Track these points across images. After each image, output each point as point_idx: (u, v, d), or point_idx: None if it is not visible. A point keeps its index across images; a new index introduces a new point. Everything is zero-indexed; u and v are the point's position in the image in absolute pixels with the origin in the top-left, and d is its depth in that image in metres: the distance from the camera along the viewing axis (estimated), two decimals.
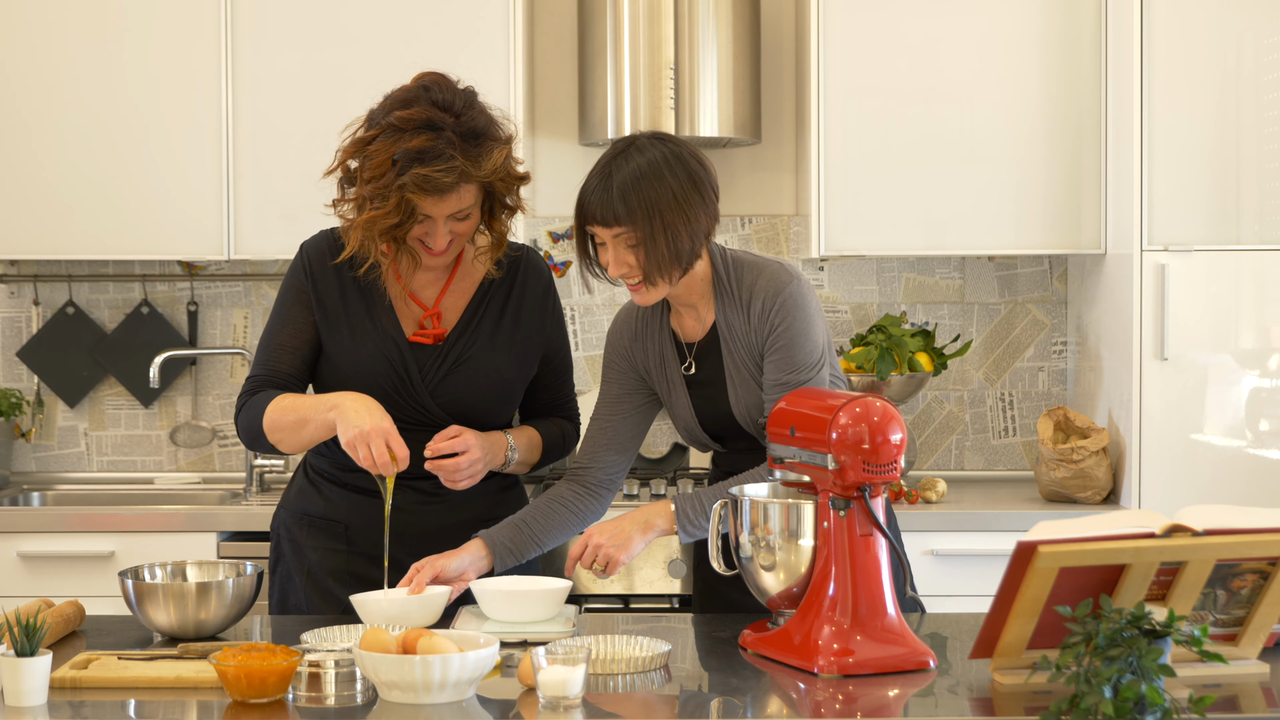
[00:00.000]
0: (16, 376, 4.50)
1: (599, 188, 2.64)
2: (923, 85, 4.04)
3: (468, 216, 2.70)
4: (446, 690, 2.10)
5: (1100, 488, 3.91)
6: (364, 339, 2.77)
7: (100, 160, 4.12)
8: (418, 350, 2.78)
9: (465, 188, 2.65)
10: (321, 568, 2.82)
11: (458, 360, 2.78)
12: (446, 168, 2.60)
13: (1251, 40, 3.84)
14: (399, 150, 2.61)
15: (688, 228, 2.63)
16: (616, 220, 2.62)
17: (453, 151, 2.61)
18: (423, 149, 2.60)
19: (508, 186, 2.72)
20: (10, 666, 2.10)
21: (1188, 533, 2.11)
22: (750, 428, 2.75)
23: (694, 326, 2.80)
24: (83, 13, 4.11)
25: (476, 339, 2.79)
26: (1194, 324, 3.81)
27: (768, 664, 2.34)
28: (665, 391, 2.82)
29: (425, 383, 2.76)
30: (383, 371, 2.75)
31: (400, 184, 2.61)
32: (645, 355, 2.82)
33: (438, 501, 2.80)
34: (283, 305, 2.85)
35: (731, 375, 2.74)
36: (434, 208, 2.65)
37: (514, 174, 2.72)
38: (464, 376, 2.78)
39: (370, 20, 4.09)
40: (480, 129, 2.66)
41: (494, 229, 2.78)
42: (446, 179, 2.60)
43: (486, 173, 2.65)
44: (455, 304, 2.83)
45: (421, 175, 2.59)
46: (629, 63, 4.07)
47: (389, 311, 2.79)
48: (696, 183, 2.65)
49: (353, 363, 2.77)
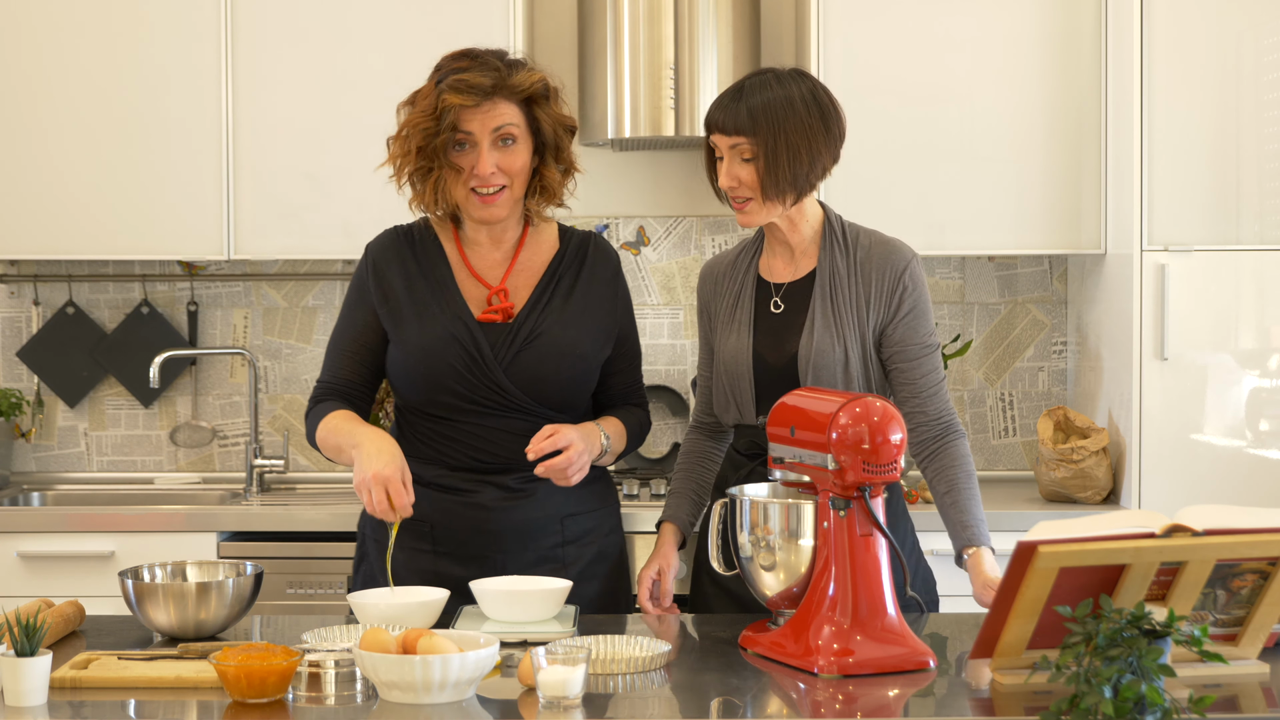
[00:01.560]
0: (16, 376, 4.50)
1: (729, 99, 2.74)
2: (923, 85, 4.04)
3: (513, 141, 2.74)
4: (446, 690, 2.10)
5: (1100, 488, 3.91)
6: (431, 322, 2.78)
7: (100, 160, 4.12)
8: (488, 329, 2.79)
9: (503, 104, 2.72)
10: (407, 568, 2.80)
11: (530, 336, 2.78)
12: (483, 71, 2.70)
13: (1251, 40, 3.84)
14: (446, 67, 2.75)
15: (809, 153, 2.72)
16: (738, 129, 2.70)
17: (491, 61, 2.73)
18: (461, 63, 2.74)
19: (552, 123, 2.77)
20: (10, 666, 2.10)
21: (1188, 533, 2.11)
22: (804, 375, 2.76)
23: (785, 269, 2.84)
24: (83, 13, 4.11)
25: (547, 316, 2.80)
26: (1194, 324, 3.81)
27: (768, 664, 2.34)
28: (725, 330, 2.85)
29: (499, 360, 2.76)
30: (454, 353, 2.76)
31: (439, 90, 2.71)
32: (719, 295, 2.89)
33: (524, 497, 2.80)
34: (347, 309, 2.89)
35: (814, 319, 2.77)
36: (471, 119, 2.71)
37: (559, 112, 2.79)
38: (537, 352, 2.78)
39: (370, 20, 4.09)
40: (521, 61, 2.78)
41: (544, 176, 2.81)
42: (480, 79, 2.69)
43: (523, 86, 2.72)
44: (523, 284, 2.84)
45: (458, 77, 2.70)
46: (629, 63, 4.07)
47: (455, 294, 2.81)
48: (825, 116, 2.75)
49: (421, 346, 2.78)
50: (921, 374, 2.77)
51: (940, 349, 2.83)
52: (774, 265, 2.86)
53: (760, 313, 2.83)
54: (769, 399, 2.78)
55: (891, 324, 2.77)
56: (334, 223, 4.11)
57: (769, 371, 2.79)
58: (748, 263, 2.88)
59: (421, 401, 2.81)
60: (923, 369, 2.77)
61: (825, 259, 2.80)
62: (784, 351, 2.78)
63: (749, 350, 2.80)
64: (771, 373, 2.79)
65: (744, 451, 2.84)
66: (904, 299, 2.77)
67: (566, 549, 2.82)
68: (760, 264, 2.87)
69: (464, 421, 2.79)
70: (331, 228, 4.11)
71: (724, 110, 2.73)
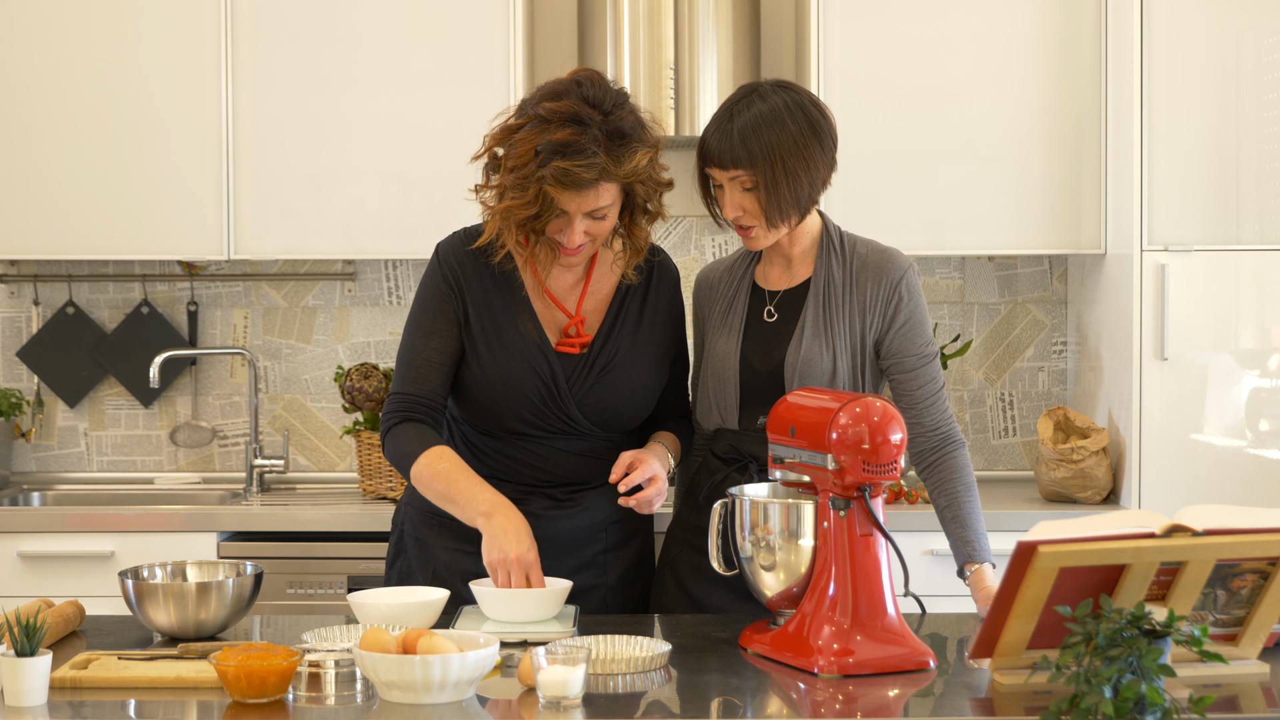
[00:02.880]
0: (16, 376, 4.50)
1: (719, 130, 2.71)
2: (923, 85, 4.04)
3: (604, 216, 2.68)
4: (446, 690, 2.10)
5: (1100, 488, 3.91)
6: (512, 349, 2.75)
7: (100, 160, 4.12)
8: (564, 360, 2.77)
9: (604, 186, 2.64)
10: (450, 569, 2.79)
11: (604, 370, 2.77)
12: (587, 164, 2.59)
13: (1251, 40, 3.84)
14: (543, 141, 2.60)
15: (807, 174, 2.70)
16: (735, 163, 2.68)
17: (595, 148, 2.59)
18: (566, 142, 2.59)
19: (649, 191, 2.71)
20: (10, 666, 2.10)
21: (1188, 533, 2.11)
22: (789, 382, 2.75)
23: (781, 277, 2.84)
24: (83, 13, 4.11)
25: (619, 346, 2.79)
26: (1194, 324, 3.81)
27: (768, 664, 2.34)
28: (716, 334, 2.85)
29: (573, 393, 2.76)
30: (530, 383, 2.74)
31: (540, 175, 2.60)
32: (713, 300, 2.89)
33: (572, 506, 2.80)
34: (426, 315, 2.80)
35: (804, 327, 2.76)
36: (571, 203, 2.63)
37: (656, 179, 2.71)
38: (608, 386, 2.77)
39: (370, 20, 4.09)
40: (626, 130, 2.64)
41: (633, 234, 2.77)
42: (586, 174, 2.59)
43: (626, 173, 2.63)
44: (595, 308, 2.82)
45: (561, 169, 2.58)
46: (629, 63, 4.07)
47: (533, 318, 2.77)
48: (816, 130, 2.71)
49: (501, 375, 2.75)
50: (918, 384, 2.77)
51: (939, 358, 2.83)
52: (770, 273, 2.85)
53: (752, 319, 2.83)
54: (753, 405, 2.78)
55: (888, 334, 2.77)
56: (334, 223, 4.11)
57: (755, 377, 2.79)
58: (743, 270, 2.88)
59: (487, 423, 2.79)
60: (920, 379, 2.77)
61: (821, 268, 2.79)
62: (772, 358, 2.78)
63: (736, 355, 2.80)
64: (757, 378, 2.79)
65: (721, 455, 2.83)
66: (899, 309, 2.77)
67: (609, 555, 2.83)
68: (756, 272, 2.87)
69: (526, 442, 2.79)
70: (331, 228, 4.11)
71: (717, 141, 2.70)
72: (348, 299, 4.47)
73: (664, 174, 2.74)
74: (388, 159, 4.10)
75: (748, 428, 2.79)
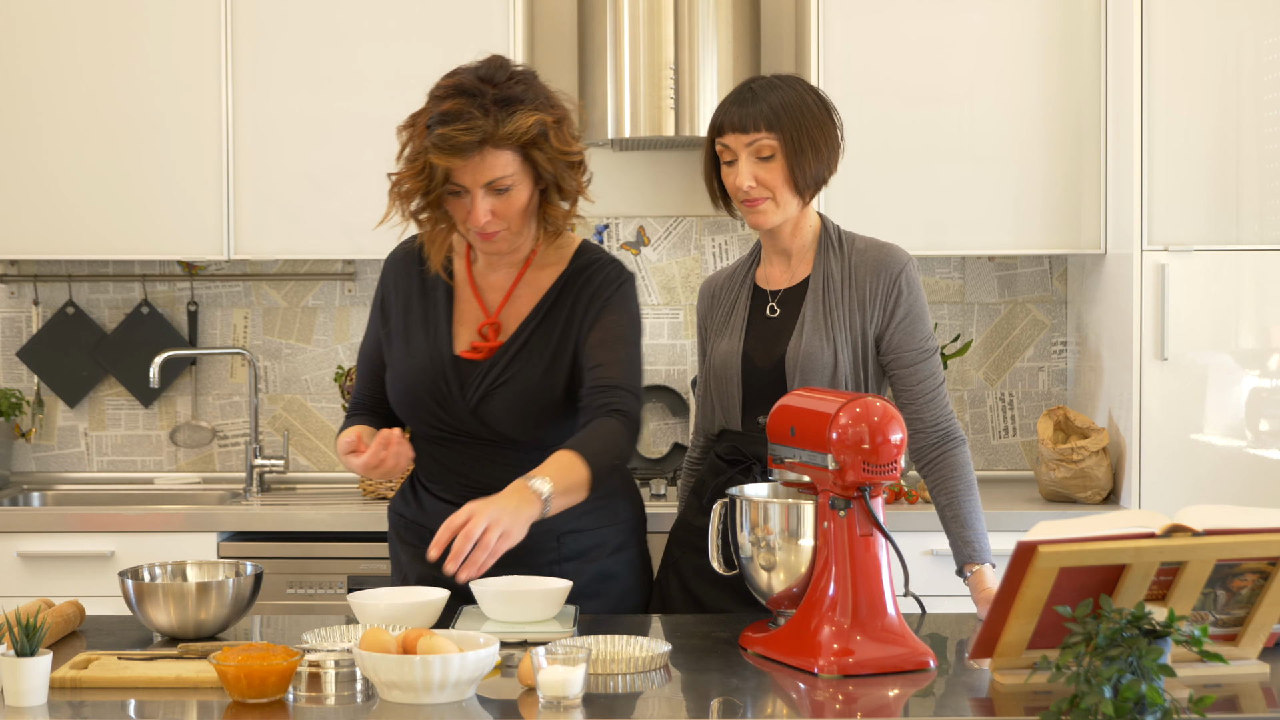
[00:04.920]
0: (16, 376, 4.50)
1: (742, 98, 2.75)
2: (923, 85, 4.04)
3: (508, 189, 2.61)
4: (446, 690, 2.10)
5: (1100, 488, 3.91)
6: (416, 353, 2.75)
7: (100, 160, 4.12)
8: (464, 366, 2.72)
9: (494, 153, 2.58)
10: (409, 568, 2.81)
11: (497, 381, 2.70)
12: (466, 126, 2.55)
13: (1251, 40, 3.84)
14: (432, 114, 2.59)
15: (826, 147, 2.76)
16: (759, 125, 2.71)
17: (478, 114, 2.56)
18: (448, 111, 2.57)
19: (554, 163, 2.62)
20: (10, 666, 2.10)
21: (1188, 533, 2.11)
22: (791, 378, 2.75)
23: (781, 276, 2.85)
24: (83, 13, 4.11)
25: (525, 356, 2.71)
26: (1194, 324, 3.81)
27: (768, 664, 2.34)
28: (719, 337, 2.86)
29: (467, 401, 2.71)
30: (427, 387, 2.72)
31: (425, 146, 2.58)
32: (716, 306, 2.90)
33: None
34: (369, 321, 2.88)
35: (805, 322, 2.77)
36: (463, 174, 2.59)
37: (561, 149, 2.63)
38: (504, 397, 2.70)
39: (370, 20, 4.09)
40: (516, 96, 2.59)
41: (546, 214, 2.70)
42: (465, 138, 2.55)
43: (509, 134, 2.56)
44: (519, 310, 2.75)
45: (441, 134, 2.55)
46: (629, 63, 4.07)
47: (447, 321, 2.75)
48: (830, 112, 2.79)
49: (402, 375, 2.76)
50: (918, 380, 2.77)
51: (939, 353, 2.83)
52: (771, 274, 2.86)
53: (755, 319, 2.84)
54: (755, 403, 2.78)
55: (888, 329, 2.77)
56: (334, 223, 4.11)
57: (757, 375, 2.79)
58: (744, 274, 2.89)
59: (411, 424, 2.81)
60: (919, 374, 2.77)
61: (820, 264, 2.80)
62: (773, 354, 2.78)
63: (739, 354, 2.81)
64: (760, 376, 2.79)
65: (725, 456, 2.83)
66: (899, 303, 2.77)
67: (563, 566, 2.75)
68: (757, 274, 2.88)
69: (453, 446, 2.76)
70: (331, 228, 4.11)
71: (740, 109, 2.73)
72: (348, 299, 4.47)
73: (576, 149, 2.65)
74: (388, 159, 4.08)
75: (750, 428, 2.79)
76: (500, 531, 2.39)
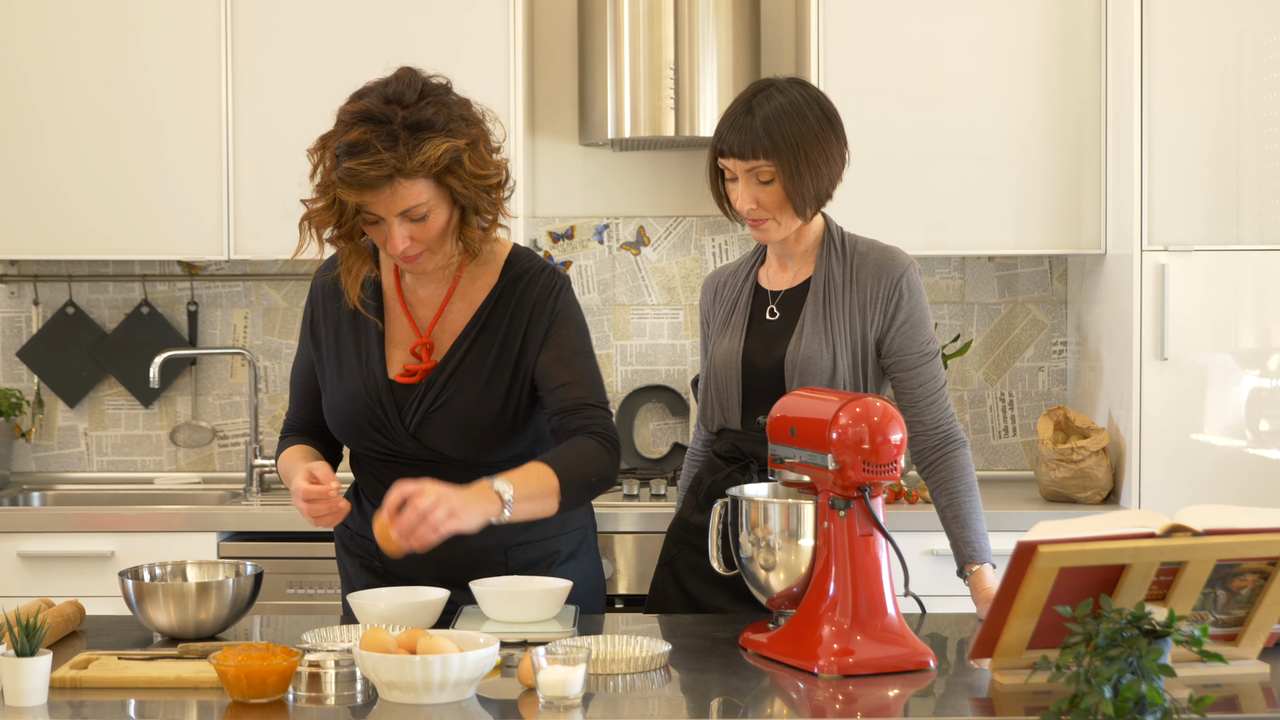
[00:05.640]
0: (16, 376, 4.50)
1: (738, 123, 2.72)
2: (923, 85, 4.05)
3: (424, 217, 2.51)
4: (446, 690, 2.10)
5: (1100, 488, 3.91)
6: (349, 377, 2.67)
7: (100, 160, 4.12)
8: (398, 390, 2.64)
9: (405, 184, 2.47)
10: (360, 580, 2.78)
11: (434, 403, 2.62)
12: (373, 160, 2.44)
13: (1251, 40, 3.84)
14: (339, 144, 2.48)
15: (826, 166, 2.73)
16: (757, 153, 2.69)
17: (383, 145, 2.45)
18: (354, 142, 2.45)
19: (468, 187, 2.52)
20: (10, 666, 2.10)
21: (1188, 533, 2.11)
22: (790, 379, 2.75)
23: (782, 277, 2.85)
24: (83, 13, 4.11)
25: (461, 375, 2.63)
26: (1194, 324, 3.81)
27: (768, 664, 2.34)
28: (720, 336, 2.86)
29: (405, 425, 2.64)
30: (364, 413, 2.65)
31: (332, 180, 2.49)
32: (719, 303, 2.90)
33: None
34: (300, 343, 2.79)
35: (804, 324, 2.77)
36: (375, 205, 2.49)
37: (473, 173, 2.51)
38: (440, 421, 2.62)
39: (370, 20, 4.09)
40: (426, 121, 2.48)
41: (464, 236, 2.59)
42: (372, 173, 2.44)
43: (418, 166, 2.45)
44: (452, 327, 2.67)
45: (349, 169, 2.45)
46: (629, 63, 4.07)
47: (379, 344, 2.67)
48: (833, 123, 2.76)
49: (336, 402, 2.68)
50: (919, 382, 2.77)
51: (940, 356, 2.83)
52: (773, 274, 2.86)
53: (755, 319, 2.84)
54: (755, 403, 2.78)
55: (889, 332, 2.77)
56: None
57: (757, 375, 2.79)
58: (747, 272, 2.89)
59: (351, 448, 2.74)
60: (920, 377, 2.77)
61: (822, 265, 2.80)
62: (773, 356, 2.78)
63: (739, 354, 2.81)
64: (759, 376, 2.79)
65: (723, 455, 2.83)
66: (900, 306, 2.77)
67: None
68: (760, 273, 2.88)
69: (395, 465, 2.67)
70: None
71: (738, 132, 2.70)
72: None
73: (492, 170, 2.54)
74: None
75: (749, 427, 2.79)
76: (448, 510, 2.33)
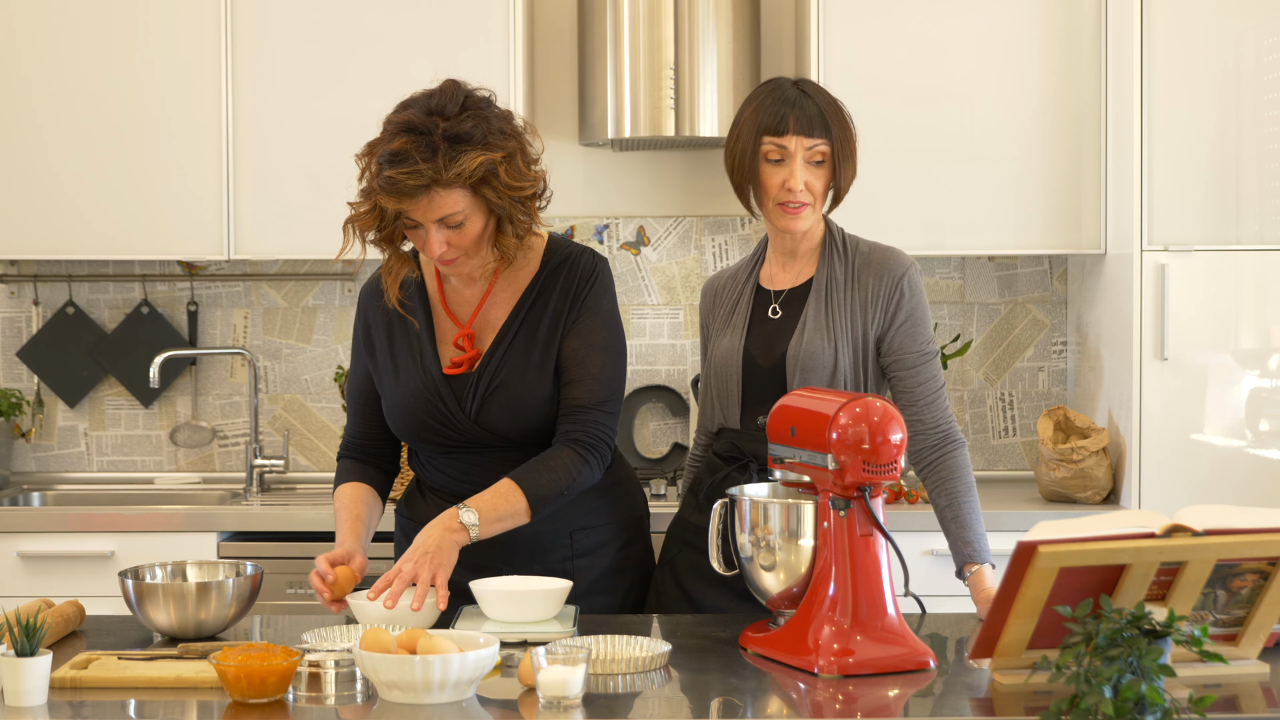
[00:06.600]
0: (16, 376, 4.50)
1: (800, 102, 2.78)
2: (923, 85, 4.04)
3: (461, 225, 2.62)
4: (446, 690, 2.10)
5: (1100, 488, 3.91)
6: (405, 379, 2.78)
7: (100, 160, 4.12)
8: (454, 382, 2.76)
9: (443, 193, 2.58)
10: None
11: (489, 387, 2.73)
12: (411, 170, 2.56)
13: (1251, 40, 3.84)
14: (382, 152, 2.61)
15: (854, 161, 2.83)
16: (820, 131, 2.76)
17: (422, 156, 2.56)
18: (396, 151, 2.57)
19: (503, 198, 2.62)
20: (10, 666, 2.10)
21: (1188, 533, 2.11)
22: (791, 377, 2.76)
23: (784, 277, 2.87)
24: (83, 13, 4.11)
25: (509, 359, 2.74)
26: (1194, 324, 3.81)
27: (768, 664, 2.34)
28: (720, 335, 2.87)
29: (466, 413, 2.74)
30: (424, 408, 2.75)
31: (375, 186, 2.62)
32: (719, 305, 2.92)
33: None
34: (353, 357, 2.91)
35: (806, 321, 2.78)
36: (414, 212, 2.61)
37: (509, 186, 2.62)
38: (499, 403, 2.73)
39: (370, 20, 4.09)
40: (465, 134, 2.58)
41: (500, 245, 2.70)
42: (411, 182, 2.56)
43: (454, 177, 2.56)
44: (495, 317, 2.78)
45: (389, 177, 2.57)
46: (629, 63, 4.07)
47: (429, 342, 2.78)
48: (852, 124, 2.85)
49: (398, 402, 2.78)
50: (918, 382, 2.77)
51: (940, 356, 2.83)
52: (775, 274, 2.87)
53: (756, 318, 2.84)
54: (755, 401, 2.78)
55: (889, 332, 2.77)
56: (334, 223, 4.06)
57: (758, 373, 2.80)
58: (748, 273, 2.90)
59: (414, 443, 2.84)
60: (920, 377, 2.77)
61: (824, 265, 2.81)
62: (774, 353, 2.79)
63: (739, 352, 2.81)
64: (760, 374, 2.79)
65: (722, 455, 2.84)
66: (900, 306, 2.78)
67: (576, 562, 2.79)
68: (761, 273, 2.89)
69: (460, 456, 2.79)
70: (331, 228, 4.07)
71: (800, 110, 2.76)
72: (348, 299, 4.47)
73: (528, 183, 2.65)
74: None
75: (749, 426, 2.79)
76: (431, 571, 2.51)
